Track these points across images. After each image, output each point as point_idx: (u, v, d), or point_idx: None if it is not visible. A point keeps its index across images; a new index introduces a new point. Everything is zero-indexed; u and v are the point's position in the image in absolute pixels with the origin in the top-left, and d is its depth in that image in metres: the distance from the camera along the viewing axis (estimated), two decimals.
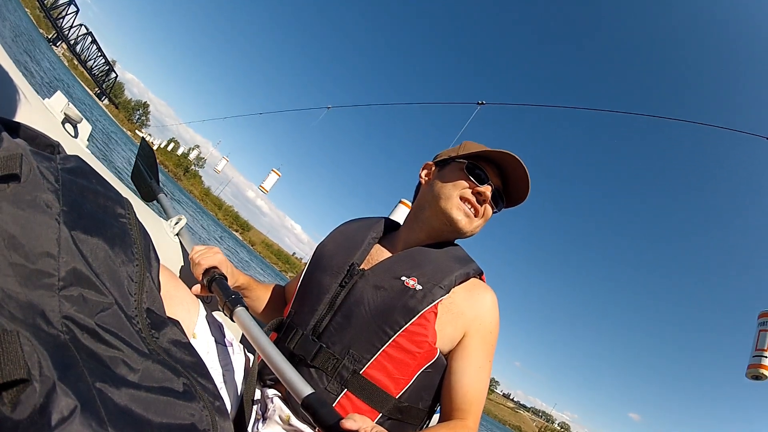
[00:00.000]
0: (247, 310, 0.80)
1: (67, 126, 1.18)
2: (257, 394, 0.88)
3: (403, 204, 4.67)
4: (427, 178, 1.02)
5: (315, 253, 1.00)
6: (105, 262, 0.52)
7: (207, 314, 0.88)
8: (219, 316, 0.96)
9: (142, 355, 0.49)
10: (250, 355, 0.96)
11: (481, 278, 0.94)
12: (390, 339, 0.80)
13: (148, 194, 1.38)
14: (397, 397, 0.81)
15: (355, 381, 0.80)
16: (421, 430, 0.88)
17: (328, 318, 0.86)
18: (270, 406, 0.85)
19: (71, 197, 0.53)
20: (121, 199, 0.62)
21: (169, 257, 1.13)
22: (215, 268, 0.90)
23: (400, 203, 4.71)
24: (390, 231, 1.04)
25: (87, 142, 1.25)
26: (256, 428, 0.83)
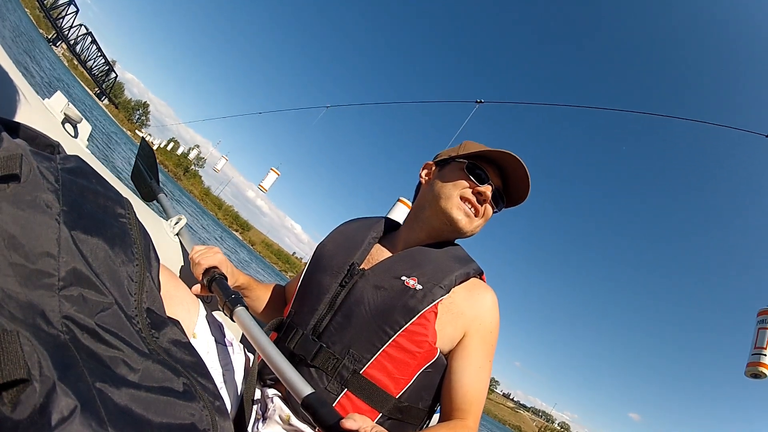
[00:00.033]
0: (247, 309, 0.80)
1: (67, 126, 1.18)
2: (257, 394, 0.88)
3: (402, 202, 4.65)
4: (427, 178, 1.02)
5: (315, 252, 1.00)
6: (105, 262, 0.52)
7: (207, 314, 0.88)
8: (219, 316, 0.96)
9: (142, 355, 0.49)
10: (250, 355, 0.96)
11: (481, 278, 0.94)
12: (390, 339, 0.80)
13: (148, 194, 1.38)
14: (397, 397, 0.81)
15: (355, 381, 0.80)
16: (421, 430, 0.88)
17: (329, 318, 0.86)
18: (270, 405, 0.85)
19: (71, 197, 0.53)
20: (121, 199, 0.62)
21: (169, 257, 1.13)
22: (215, 268, 0.90)
23: (398, 201, 4.69)
24: (390, 231, 1.04)
25: (87, 142, 1.25)
26: (256, 428, 0.83)
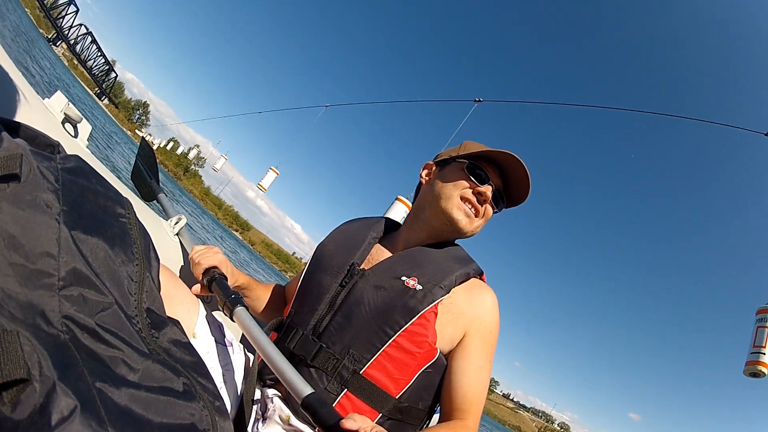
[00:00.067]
0: (247, 309, 0.80)
1: (67, 126, 1.18)
2: (257, 394, 0.88)
3: (400, 201, 4.64)
4: (427, 178, 1.02)
5: (315, 252, 1.00)
6: (105, 261, 0.52)
7: (207, 314, 0.88)
8: (219, 316, 0.96)
9: (142, 355, 0.49)
10: (250, 355, 0.96)
11: (481, 278, 0.94)
12: (390, 339, 0.80)
13: (148, 194, 1.38)
14: (397, 397, 0.81)
15: (355, 381, 0.80)
16: (421, 430, 0.88)
17: (329, 318, 0.86)
18: (270, 406, 0.85)
19: (71, 197, 0.53)
20: (121, 199, 0.62)
21: (169, 257, 1.13)
22: (215, 267, 0.90)
23: (396, 200, 4.69)
24: (390, 231, 1.04)
25: (87, 142, 1.25)
26: (256, 428, 0.83)
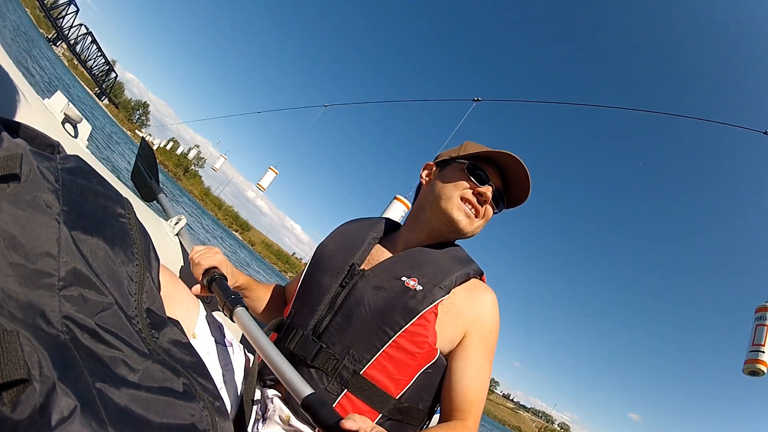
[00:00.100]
0: (247, 310, 0.80)
1: (67, 126, 1.18)
2: (257, 394, 0.88)
3: (398, 200, 4.64)
4: (427, 179, 1.02)
5: (315, 253, 1.00)
6: (105, 262, 0.52)
7: (207, 314, 0.88)
8: (219, 316, 0.96)
9: (142, 355, 0.49)
10: (250, 355, 0.96)
11: (481, 279, 0.94)
12: (390, 339, 0.80)
13: (148, 194, 1.38)
14: (397, 398, 0.81)
15: (355, 381, 0.80)
16: (422, 430, 0.88)
17: (329, 318, 0.86)
18: (270, 406, 0.85)
19: (71, 197, 0.53)
20: (121, 199, 0.62)
21: (169, 257, 1.13)
22: (215, 268, 0.90)
23: (395, 199, 4.69)
24: (390, 231, 1.04)
25: (87, 142, 1.25)
26: (256, 428, 0.83)
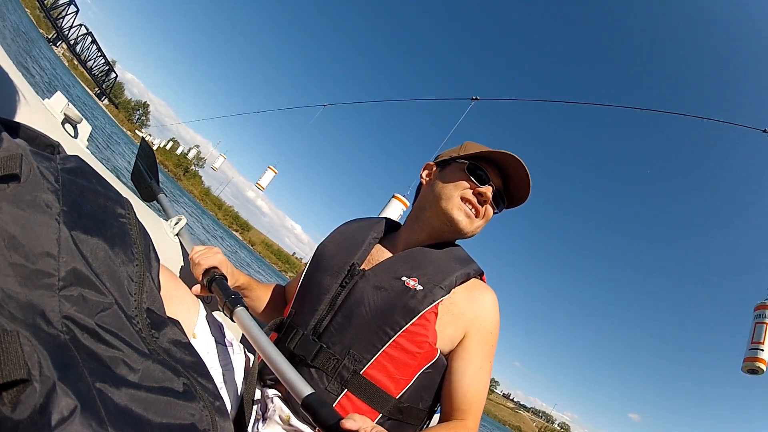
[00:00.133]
0: (247, 310, 0.80)
1: (67, 126, 1.18)
2: (257, 394, 0.88)
3: (397, 199, 4.64)
4: (428, 179, 1.02)
5: (315, 253, 1.00)
6: (105, 262, 0.52)
7: (207, 314, 0.88)
8: (219, 316, 0.96)
9: (142, 355, 0.49)
10: (250, 355, 0.96)
11: (481, 279, 0.94)
12: (390, 339, 0.80)
13: (148, 194, 1.38)
14: (398, 398, 0.81)
15: (356, 381, 0.80)
16: (422, 430, 0.88)
17: (329, 318, 0.86)
18: (270, 406, 0.85)
19: (71, 197, 0.53)
20: (121, 199, 0.62)
21: (169, 257, 1.13)
22: (215, 268, 0.90)
23: (393, 198, 4.68)
24: (391, 231, 1.04)
25: (87, 142, 1.25)
26: (256, 428, 0.83)
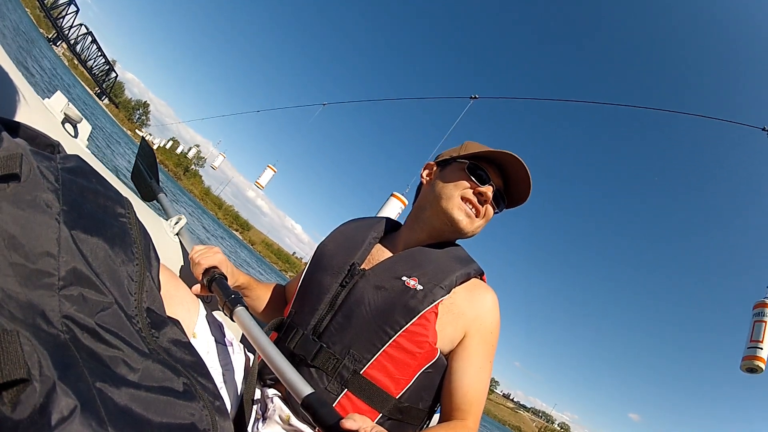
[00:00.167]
0: (247, 309, 0.80)
1: (67, 126, 1.18)
2: (257, 394, 0.88)
3: (395, 197, 4.64)
4: (428, 178, 1.02)
5: (315, 252, 1.00)
6: (105, 261, 0.52)
7: (207, 314, 0.88)
8: (219, 315, 0.96)
9: (142, 355, 0.49)
10: (250, 355, 0.96)
11: (481, 278, 0.94)
12: (390, 339, 0.80)
13: (148, 194, 1.38)
14: (398, 398, 0.81)
15: (356, 381, 0.80)
16: (422, 430, 0.88)
17: (329, 318, 0.86)
18: (270, 405, 0.85)
19: (71, 197, 0.53)
20: (121, 199, 0.62)
21: (169, 257, 1.13)
22: (215, 267, 0.90)
23: (391, 196, 4.68)
24: (391, 231, 1.04)
25: (87, 142, 1.25)
26: (256, 428, 0.83)
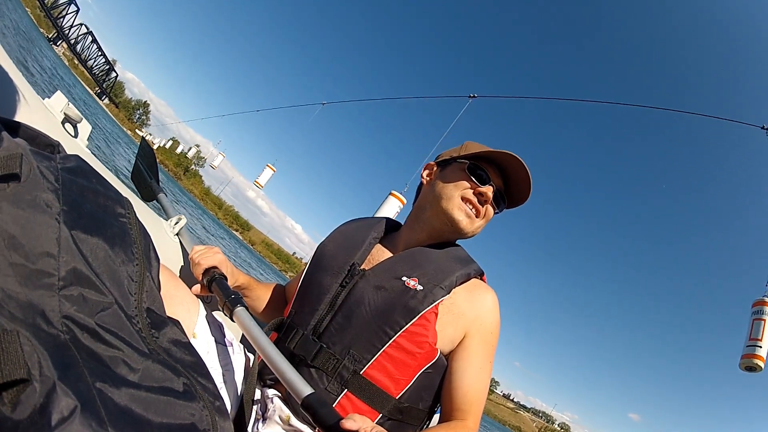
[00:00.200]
0: (247, 309, 0.80)
1: (67, 126, 1.18)
2: (257, 394, 0.88)
3: (393, 196, 4.64)
4: (428, 179, 1.02)
5: (315, 253, 1.00)
6: (105, 261, 0.52)
7: (207, 314, 0.88)
8: (219, 316, 0.96)
9: (142, 355, 0.49)
10: (250, 355, 0.96)
11: (481, 279, 0.94)
12: (390, 339, 0.80)
13: (148, 194, 1.38)
14: (398, 398, 0.81)
15: (356, 381, 0.80)
16: (422, 430, 0.88)
17: (329, 318, 0.86)
18: (270, 406, 0.85)
19: (71, 197, 0.53)
20: (121, 199, 0.62)
21: (169, 257, 1.13)
22: (215, 268, 0.90)
23: (390, 195, 4.68)
24: (391, 231, 1.04)
25: (87, 142, 1.25)
26: (256, 428, 0.83)
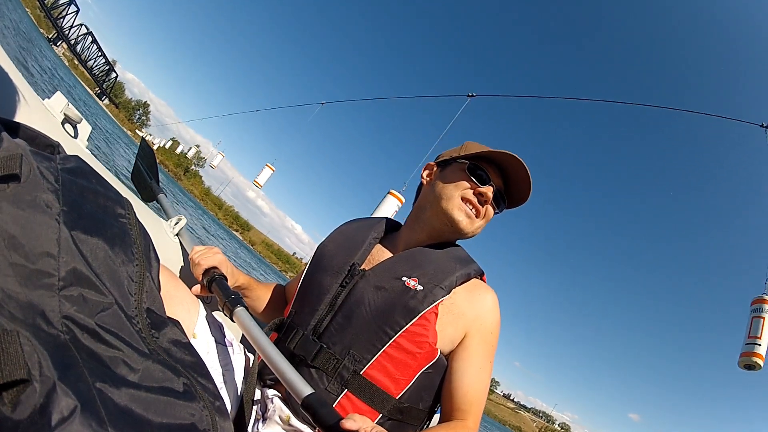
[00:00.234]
0: (247, 310, 0.80)
1: (67, 126, 1.18)
2: (257, 394, 0.88)
3: (392, 195, 4.64)
4: (428, 179, 1.02)
5: (315, 253, 1.00)
6: (105, 262, 0.52)
7: (207, 314, 0.88)
8: (219, 316, 0.96)
9: (142, 355, 0.49)
10: (250, 355, 0.96)
11: (482, 279, 0.94)
12: (391, 339, 0.80)
13: (148, 194, 1.38)
14: (398, 398, 0.81)
15: (356, 381, 0.80)
16: (422, 430, 0.88)
17: (329, 318, 0.86)
18: (270, 406, 0.85)
19: (71, 197, 0.53)
20: (121, 199, 0.62)
21: (169, 257, 1.13)
22: (215, 268, 0.90)
23: (388, 194, 4.67)
24: (391, 231, 1.04)
25: (87, 143, 1.25)
26: (256, 428, 0.83)
